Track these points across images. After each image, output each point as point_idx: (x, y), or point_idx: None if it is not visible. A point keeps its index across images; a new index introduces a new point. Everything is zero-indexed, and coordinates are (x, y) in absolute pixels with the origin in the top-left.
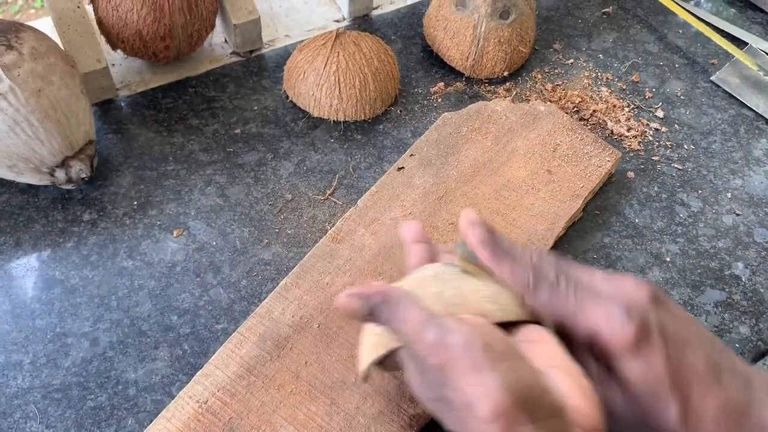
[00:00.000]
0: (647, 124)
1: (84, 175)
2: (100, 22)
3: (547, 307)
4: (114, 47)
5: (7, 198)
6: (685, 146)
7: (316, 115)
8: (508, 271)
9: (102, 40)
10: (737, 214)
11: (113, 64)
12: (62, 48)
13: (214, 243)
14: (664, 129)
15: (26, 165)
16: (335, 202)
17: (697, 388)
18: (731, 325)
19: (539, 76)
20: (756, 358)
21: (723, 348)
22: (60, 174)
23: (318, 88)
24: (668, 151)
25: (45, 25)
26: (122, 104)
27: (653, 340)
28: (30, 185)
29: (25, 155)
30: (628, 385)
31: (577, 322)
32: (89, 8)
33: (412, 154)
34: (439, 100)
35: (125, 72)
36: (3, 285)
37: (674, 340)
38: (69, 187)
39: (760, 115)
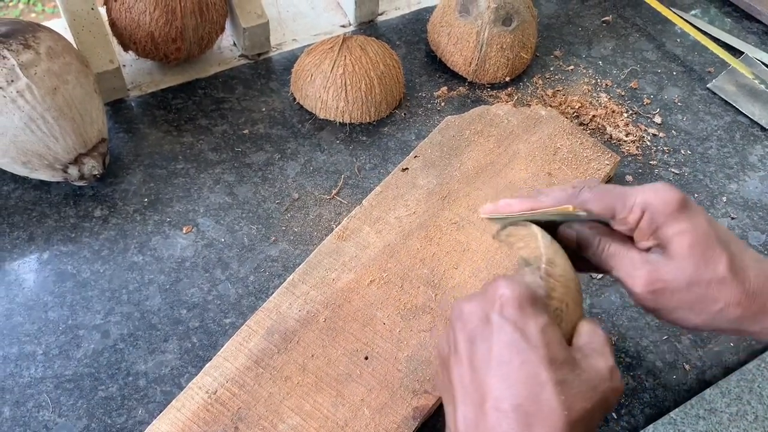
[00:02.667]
0: (645, 130)
1: (96, 172)
2: (113, 24)
3: (595, 200)
4: (126, 48)
5: (20, 194)
6: (682, 151)
7: (322, 117)
8: (554, 195)
9: (114, 41)
10: (732, 218)
11: (125, 65)
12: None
13: (223, 240)
14: (661, 134)
15: (40, 161)
16: (341, 202)
17: (735, 245)
18: None
19: (540, 81)
20: (750, 356)
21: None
22: (73, 171)
23: (325, 90)
24: (666, 156)
25: (58, 26)
26: (133, 104)
27: (694, 205)
28: (42, 181)
29: (39, 152)
30: (679, 246)
31: (626, 203)
32: (102, 10)
33: (416, 156)
34: (443, 104)
35: (136, 73)
36: (16, 278)
37: (706, 214)
38: (81, 183)
39: (755, 122)
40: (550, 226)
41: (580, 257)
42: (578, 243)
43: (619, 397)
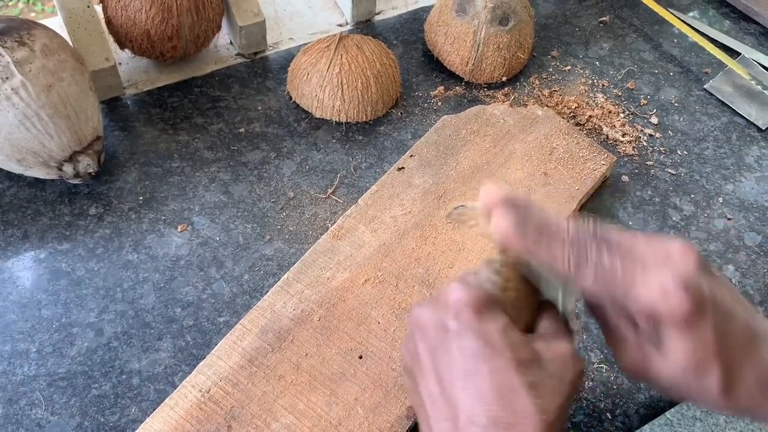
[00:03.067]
0: (642, 130)
1: (91, 170)
2: (108, 22)
3: (595, 284)
4: (122, 46)
5: (14, 191)
6: (679, 152)
7: (318, 115)
8: (545, 256)
9: (110, 39)
10: (728, 219)
11: (120, 63)
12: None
13: (218, 238)
14: (658, 135)
15: (35, 159)
16: (336, 201)
17: (738, 357)
18: None
19: (537, 81)
20: None
21: (752, 310)
22: (68, 168)
23: (321, 89)
24: (662, 157)
25: (54, 24)
26: (129, 102)
27: (706, 312)
28: (37, 179)
29: (34, 149)
30: (674, 355)
31: (628, 297)
32: (98, 8)
33: (412, 155)
34: (439, 103)
35: (132, 71)
36: (10, 276)
37: (721, 309)
38: (76, 181)
39: (752, 123)
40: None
41: None
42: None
43: (582, 376)
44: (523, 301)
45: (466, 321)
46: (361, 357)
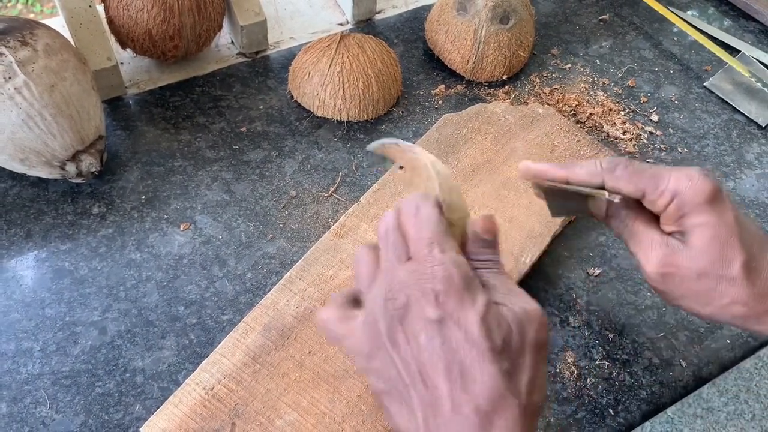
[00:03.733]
0: (642, 128)
1: (94, 170)
2: (110, 21)
3: (628, 180)
4: (124, 46)
5: (18, 191)
6: (679, 149)
7: (320, 114)
8: (581, 172)
9: (112, 38)
10: None
11: (122, 63)
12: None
13: (220, 237)
14: (658, 132)
15: (38, 158)
16: (338, 199)
17: (757, 246)
18: None
19: (537, 80)
20: (746, 353)
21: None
22: (71, 168)
23: (322, 88)
24: (662, 154)
25: (55, 24)
26: (131, 102)
27: (725, 198)
28: (40, 179)
29: (37, 149)
30: (700, 237)
31: (657, 186)
32: (100, 8)
33: None
34: (440, 101)
35: (134, 70)
36: (14, 275)
37: (738, 210)
38: (79, 180)
39: (752, 120)
40: (577, 194)
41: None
42: (606, 212)
43: (546, 327)
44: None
45: (449, 309)
46: None
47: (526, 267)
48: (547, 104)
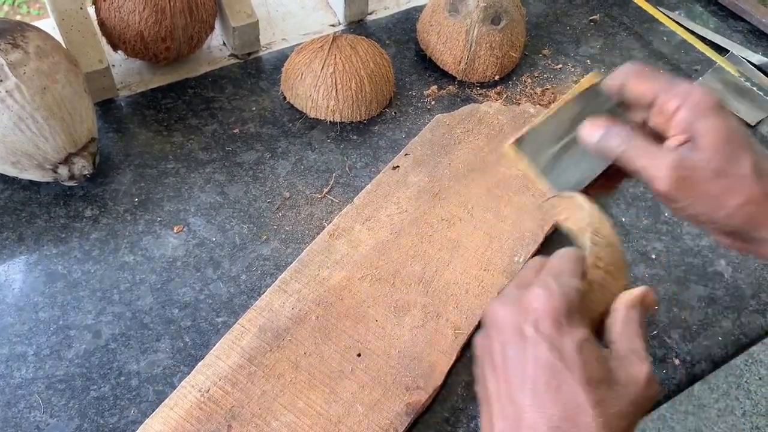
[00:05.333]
0: None
1: (87, 172)
2: (102, 24)
3: (639, 78)
4: (115, 48)
5: (9, 194)
6: None
7: (312, 116)
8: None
9: (103, 40)
10: None
11: (113, 65)
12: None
13: (214, 239)
14: None
15: (30, 161)
16: (332, 200)
17: (758, 149)
18: (714, 320)
19: (529, 80)
20: (738, 350)
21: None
22: (63, 170)
23: (315, 89)
24: None
25: (46, 26)
26: (123, 104)
27: (727, 111)
28: (32, 182)
29: (29, 151)
30: (711, 138)
31: (669, 90)
32: (91, 10)
33: (406, 154)
34: (433, 102)
35: (125, 72)
36: (6, 279)
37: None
38: (71, 183)
39: (742, 119)
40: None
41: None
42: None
43: (654, 401)
44: (611, 282)
45: (544, 331)
46: (359, 355)
47: (519, 266)
48: (539, 104)
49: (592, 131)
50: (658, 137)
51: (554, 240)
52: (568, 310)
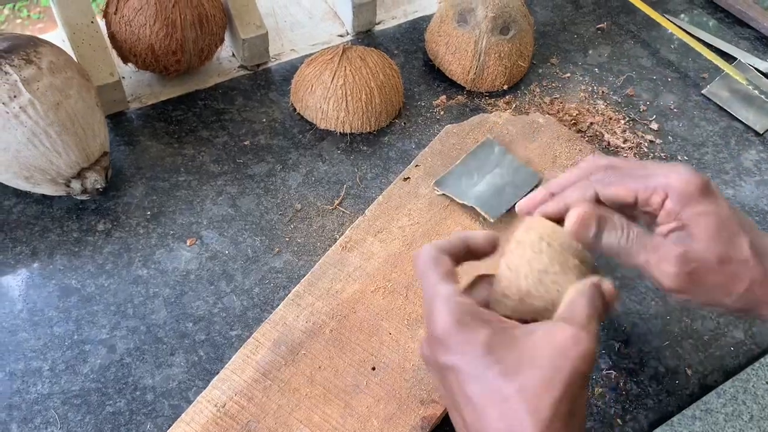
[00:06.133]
0: (642, 136)
1: (99, 186)
2: (112, 37)
3: (616, 185)
4: (126, 61)
5: (22, 208)
6: (679, 157)
7: (323, 127)
8: (575, 195)
9: (113, 53)
10: None
11: (123, 77)
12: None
13: (227, 252)
14: (658, 141)
15: (43, 176)
16: (343, 212)
17: (752, 228)
18: (726, 330)
19: (537, 89)
20: (750, 360)
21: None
22: (75, 185)
23: (325, 101)
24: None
25: (55, 38)
26: (133, 116)
27: (715, 189)
28: (45, 196)
29: (42, 167)
30: (705, 226)
31: (647, 185)
32: (101, 23)
33: (417, 165)
34: (442, 112)
35: (136, 85)
36: (20, 293)
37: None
38: (83, 197)
39: (750, 127)
40: None
41: None
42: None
43: (592, 358)
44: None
45: (451, 346)
46: (374, 368)
47: None
48: (548, 114)
49: (585, 227)
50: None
51: None
52: (468, 314)
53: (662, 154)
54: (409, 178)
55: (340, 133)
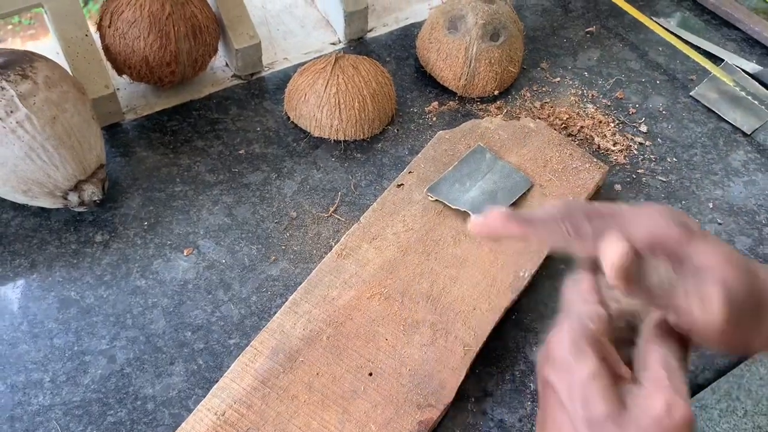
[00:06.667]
0: (632, 139)
1: (96, 198)
2: (106, 49)
3: (595, 238)
4: (120, 73)
5: (20, 221)
6: (668, 159)
7: (317, 135)
8: (544, 233)
9: (108, 65)
10: (719, 223)
11: (118, 89)
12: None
13: (224, 261)
14: (648, 143)
15: (41, 189)
16: (338, 219)
17: (757, 265)
18: None
19: (528, 94)
20: (741, 359)
21: None
22: (73, 197)
23: (319, 109)
24: (652, 164)
25: (47, 49)
26: (129, 128)
27: (698, 232)
28: (42, 208)
29: (39, 180)
30: (705, 258)
31: (629, 232)
32: (96, 36)
33: (410, 171)
34: (434, 118)
35: (130, 96)
36: (20, 306)
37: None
38: (81, 209)
39: (737, 128)
40: None
41: None
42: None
43: (689, 428)
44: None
45: (542, 375)
46: (371, 374)
47: (525, 281)
48: (539, 118)
49: (631, 262)
50: None
51: (556, 254)
52: (578, 340)
53: (652, 156)
54: (402, 184)
55: (334, 140)
